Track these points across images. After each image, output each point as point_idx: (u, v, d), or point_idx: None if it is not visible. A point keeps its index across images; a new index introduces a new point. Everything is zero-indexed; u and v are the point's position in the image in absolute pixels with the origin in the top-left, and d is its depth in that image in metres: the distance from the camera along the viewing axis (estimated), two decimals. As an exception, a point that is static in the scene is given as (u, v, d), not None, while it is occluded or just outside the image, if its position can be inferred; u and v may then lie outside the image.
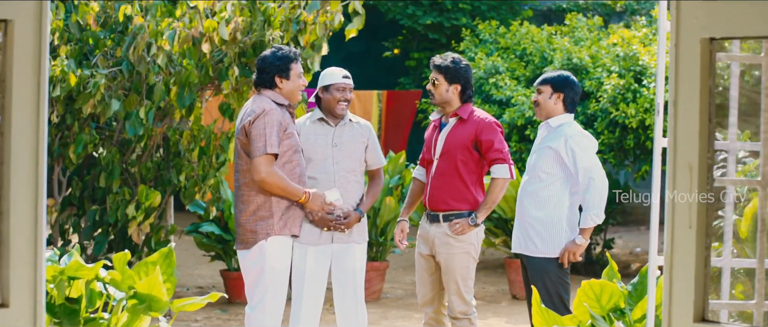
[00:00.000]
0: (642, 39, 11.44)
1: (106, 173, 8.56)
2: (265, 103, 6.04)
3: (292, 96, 6.17)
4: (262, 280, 6.09)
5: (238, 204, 6.16)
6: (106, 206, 8.66)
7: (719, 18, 2.61)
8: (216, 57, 8.37)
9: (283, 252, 6.15)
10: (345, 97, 6.51)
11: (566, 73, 6.56)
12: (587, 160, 6.29)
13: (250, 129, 5.96)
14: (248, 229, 6.10)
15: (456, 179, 6.51)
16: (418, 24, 15.76)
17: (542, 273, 6.37)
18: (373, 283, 10.08)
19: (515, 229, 6.57)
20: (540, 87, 6.52)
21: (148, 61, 8.13)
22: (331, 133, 6.55)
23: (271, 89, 6.15)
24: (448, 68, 6.53)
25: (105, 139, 8.83)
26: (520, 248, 6.50)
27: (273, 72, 6.12)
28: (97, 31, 8.41)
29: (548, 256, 6.37)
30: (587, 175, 6.25)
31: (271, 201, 6.07)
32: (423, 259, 6.64)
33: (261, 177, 5.96)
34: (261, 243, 6.07)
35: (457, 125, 6.55)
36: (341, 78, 6.51)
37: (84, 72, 8.02)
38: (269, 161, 5.97)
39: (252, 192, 6.08)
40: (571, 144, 6.31)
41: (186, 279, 11.08)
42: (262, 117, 5.96)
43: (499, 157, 6.46)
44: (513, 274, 10.34)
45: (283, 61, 6.13)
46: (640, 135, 10.79)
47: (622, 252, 13.64)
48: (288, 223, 6.13)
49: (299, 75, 6.18)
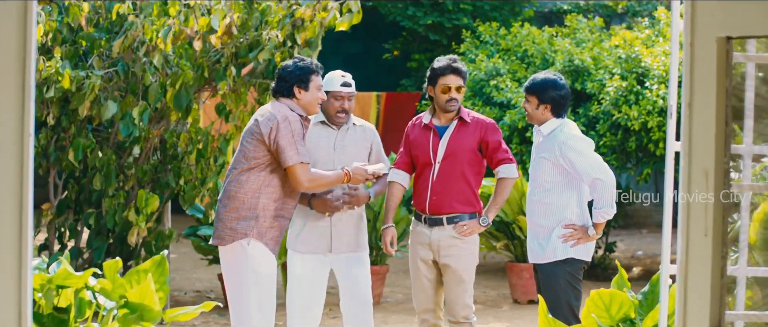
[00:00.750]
0: (644, 40, 11.33)
1: (101, 176, 8.43)
2: (286, 111, 5.96)
3: (309, 108, 6.07)
4: (244, 285, 5.95)
5: (224, 198, 6.03)
6: (102, 210, 8.53)
7: (736, 16, 2.49)
8: (212, 57, 8.26)
9: (267, 258, 6.00)
10: (343, 106, 6.36)
11: (551, 77, 6.35)
12: (586, 163, 6.17)
13: (277, 136, 5.87)
14: (228, 226, 5.97)
15: (461, 182, 6.40)
16: (418, 25, 15.62)
17: (552, 279, 6.24)
18: (373, 288, 9.84)
19: (528, 240, 6.46)
20: (527, 96, 6.40)
21: (144, 61, 8.02)
22: (334, 137, 6.41)
23: (288, 98, 6.06)
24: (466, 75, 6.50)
25: (102, 141, 8.72)
26: (533, 257, 6.38)
27: (293, 81, 6.02)
28: (91, 32, 8.29)
29: (556, 259, 6.25)
30: (590, 177, 6.13)
31: (257, 204, 5.95)
32: (424, 264, 6.50)
33: (306, 186, 5.96)
34: (241, 242, 5.94)
35: (459, 127, 6.44)
36: (340, 86, 6.34)
37: (80, 73, 7.90)
38: (305, 169, 5.92)
39: (240, 190, 5.96)
40: (565, 151, 6.19)
41: (184, 283, 10.98)
42: (287, 124, 5.89)
43: (506, 157, 6.40)
44: (514, 278, 10.24)
45: (303, 72, 6.03)
46: (643, 137, 10.68)
47: (623, 255, 13.54)
48: (268, 234, 5.99)
49: (319, 87, 6.08)
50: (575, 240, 6.21)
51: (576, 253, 6.26)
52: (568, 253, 6.24)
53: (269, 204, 5.96)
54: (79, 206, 8.83)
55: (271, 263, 5.99)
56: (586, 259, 6.33)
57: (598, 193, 6.14)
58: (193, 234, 9.56)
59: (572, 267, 6.27)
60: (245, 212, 5.93)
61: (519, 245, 10.24)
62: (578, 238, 6.22)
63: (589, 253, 6.35)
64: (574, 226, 6.24)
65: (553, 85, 6.32)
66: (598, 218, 6.18)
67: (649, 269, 12.66)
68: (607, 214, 6.17)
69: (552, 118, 6.34)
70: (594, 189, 6.15)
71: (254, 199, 5.94)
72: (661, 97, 10.39)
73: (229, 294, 6.07)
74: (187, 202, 8.67)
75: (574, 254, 6.26)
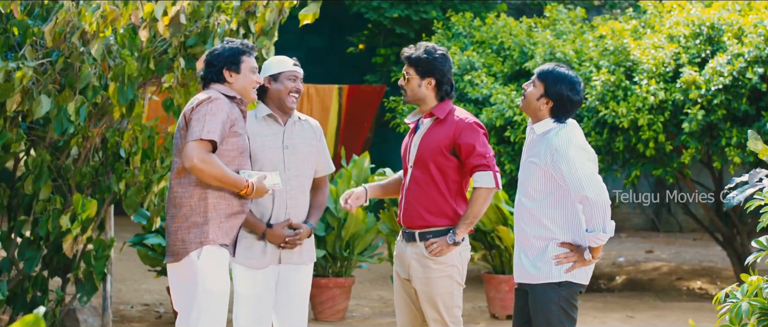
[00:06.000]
0: (632, 32, 10.55)
1: (33, 178, 7.55)
2: (212, 93, 5.30)
3: (244, 93, 5.40)
4: (195, 305, 5.23)
5: (170, 208, 5.34)
6: (35, 216, 7.72)
7: None
8: (159, 48, 7.41)
9: (219, 269, 5.28)
10: (297, 87, 5.74)
11: (572, 76, 5.39)
12: (577, 176, 5.19)
13: (191, 116, 5.21)
14: (178, 238, 5.27)
15: (432, 190, 5.56)
16: (384, 17, 15.10)
17: (544, 303, 5.31)
18: (337, 302, 9.20)
19: (515, 255, 5.51)
20: (536, 80, 5.45)
21: (82, 51, 7.15)
22: (282, 133, 5.74)
23: (219, 84, 5.39)
24: (419, 60, 5.57)
25: (36, 140, 7.84)
26: (522, 276, 5.44)
27: (221, 65, 5.39)
28: (24, 20, 7.42)
29: (551, 281, 5.33)
30: (580, 194, 5.20)
31: (206, 205, 5.24)
32: (401, 282, 5.72)
33: (192, 163, 5.14)
34: (192, 255, 5.22)
35: (433, 127, 5.60)
36: (292, 66, 5.77)
37: (9, 64, 7.02)
38: (204, 147, 5.16)
39: (185, 194, 5.25)
40: (557, 160, 5.24)
41: (130, 295, 10.17)
42: (205, 103, 5.21)
43: (481, 163, 5.50)
44: (492, 291, 9.46)
45: (233, 53, 5.40)
46: (631, 137, 9.92)
47: (604, 263, 12.77)
48: (226, 233, 5.30)
49: (252, 70, 5.42)
50: (571, 263, 5.32)
51: (573, 276, 5.35)
52: (563, 276, 5.34)
53: (220, 203, 5.29)
54: (12, 212, 8.04)
55: (224, 277, 5.30)
56: (585, 283, 5.43)
57: (587, 214, 5.22)
58: (139, 243, 8.82)
59: (568, 291, 5.34)
60: (195, 217, 5.26)
61: (497, 255, 9.45)
62: (573, 262, 5.32)
63: (588, 276, 5.45)
64: (570, 245, 5.34)
65: (569, 84, 5.35)
66: (590, 242, 5.29)
67: (634, 279, 11.89)
68: (599, 238, 5.23)
69: (548, 118, 5.38)
70: (583, 208, 5.24)
71: (202, 200, 5.26)
72: (652, 93, 9.60)
73: (179, 313, 5.37)
74: (130, 208, 7.81)
75: (571, 277, 5.35)
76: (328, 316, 9.20)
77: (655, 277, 12.10)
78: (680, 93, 9.57)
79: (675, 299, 10.70)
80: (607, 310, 9.99)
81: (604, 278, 11.93)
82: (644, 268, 12.70)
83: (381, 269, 11.70)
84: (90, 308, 8.46)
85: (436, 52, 5.57)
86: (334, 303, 9.22)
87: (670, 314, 9.76)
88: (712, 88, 9.38)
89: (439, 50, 5.59)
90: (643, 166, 10.19)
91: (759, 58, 9.36)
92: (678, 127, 9.80)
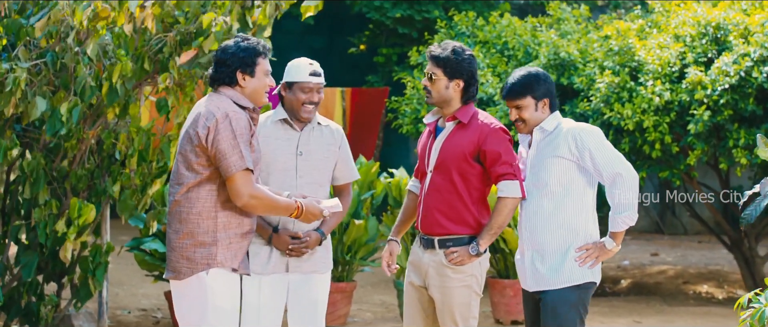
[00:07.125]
0: (638, 32, 10.38)
1: (30, 183, 7.39)
2: (227, 105, 4.91)
3: (255, 97, 5.04)
4: (205, 323, 4.93)
5: (174, 222, 4.97)
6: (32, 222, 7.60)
7: None
8: (154, 47, 7.23)
9: (231, 289, 4.98)
10: (311, 99, 5.50)
11: (534, 71, 5.38)
12: (607, 155, 5.17)
13: (217, 138, 4.82)
14: (183, 256, 4.93)
15: (453, 197, 5.36)
16: (386, 17, 15.04)
17: (561, 307, 5.19)
18: (338, 307, 9.07)
19: (527, 262, 5.35)
20: (519, 101, 5.32)
21: (76, 51, 7.00)
22: (297, 139, 5.54)
23: (230, 87, 5.01)
24: (448, 60, 5.36)
25: (31, 143, 7.69)
26: (538, 283, 5.29)
27: (235, 66, 4.99)
28: (17, 19, 7.26)
29: (572, 284, 5.19)
30: (612, 172, 5.13)
31: (215, 224, 4.91)
32: (414, 290, 5.52)
33: (244, 201, 4.85)
34: (200, 275, 4.90)
35: (455, 131, 5.41)
36: (308, 76, 5.50)
37: (3, 66, 6.89)
38: (249, 179, 4.85)
39: (192, 210, 4.91)
40: (584, 142, 5.18)
41: (127, 300, 10.04)
42: (227, 123, 4.84)
43: (508, 172, 5.31)
44: (497, 296, 9.31)
45: (248, 54, 5.01)
46: (637, 138, 9.76)
47: (608, 266, 12.60)
48: (235, 256, 4.96)
49: (266, 73, 5.06)
50: (594, 260, 5.20)
51: (593, 274, 5.28)
52: (586, 277, 5.24)
53: (231, 221, 4.96)
54: (7, 217, 7.87)
55: (234, 294, 4.99)
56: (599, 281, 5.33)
57: (618, 193, 5.12)
58: (136, 247, 8.69)
59: (586, 292, 5.28)
60: (203, 237, 4.91)
61: (502, 260, 9.30)
62: (596, 257, 5.21)
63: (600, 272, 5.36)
64: (587, 245, 5.21)
65: (536, 77, 5.36)
66: (618, 225, 5.19)
67: (639, 282, 11.74)
68: (630, 219, 5.18)
69: (550, 113, 5.36)
70: (614, 187, 5.14)
71: (211, 219, 4.92)
72: (658, 95, 9.44)
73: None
74: (125, 211, 7.64)
75: (591, 276, 5.27)
76: (329, 321, 9.07)
77: (661, 280, 11.97)
78: (686, 93, 9.42)
79: (682, 303, 10.56)
80: (613, 314, 9.85)
81: (610, 282, 11.79)
82: (650, 272, 12.57)
83: (383, 273, 11.56)
84: (86, 313, 8.32)
85: (464, 52, 5.39)
86: (335, 308, 9.09)
87: (678, 319, 9.62)
88: (718, 89, 9.22)
89: (467, 51, 5.41)
90: (649, 168, 10.03)
91: (765, 57, 9.21)
92: (684, 128, 9.65)
